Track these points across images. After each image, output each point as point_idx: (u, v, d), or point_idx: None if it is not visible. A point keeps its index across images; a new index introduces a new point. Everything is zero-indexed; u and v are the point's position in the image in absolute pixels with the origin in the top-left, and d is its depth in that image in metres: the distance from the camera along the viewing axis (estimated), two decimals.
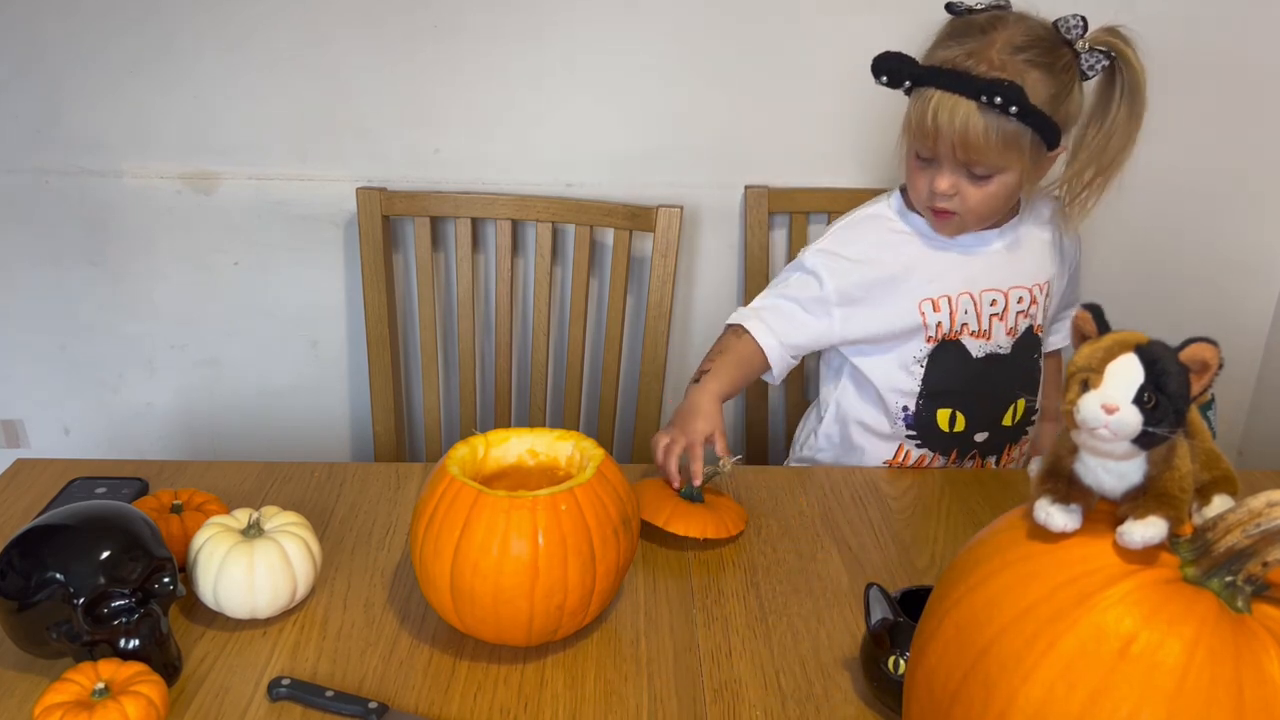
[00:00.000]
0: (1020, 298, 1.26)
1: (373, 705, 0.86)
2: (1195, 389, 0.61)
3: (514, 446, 1.00)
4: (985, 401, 1.28)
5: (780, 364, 1.25)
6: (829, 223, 1.38)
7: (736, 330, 1.25)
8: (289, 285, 1.65)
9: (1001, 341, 1.27)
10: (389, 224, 1.58)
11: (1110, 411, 0.60)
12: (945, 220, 1.21)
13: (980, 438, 1.29)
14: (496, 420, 1.65)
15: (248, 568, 0.92)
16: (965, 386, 1.27)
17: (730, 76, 1.52)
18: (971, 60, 1.10)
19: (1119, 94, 1.15)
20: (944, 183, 1.16)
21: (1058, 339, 1.40)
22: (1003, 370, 1.27)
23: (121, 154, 1.56)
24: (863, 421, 1.32)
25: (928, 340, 1.25)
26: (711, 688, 0.90)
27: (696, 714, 0.88)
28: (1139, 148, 1.54)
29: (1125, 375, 0.60)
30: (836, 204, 1.51)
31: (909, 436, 1.29)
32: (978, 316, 1.25)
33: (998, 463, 1.33)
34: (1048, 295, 1.29)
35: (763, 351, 1.24)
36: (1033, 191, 1.24)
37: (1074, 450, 0.65)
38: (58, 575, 0.84)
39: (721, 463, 1.12)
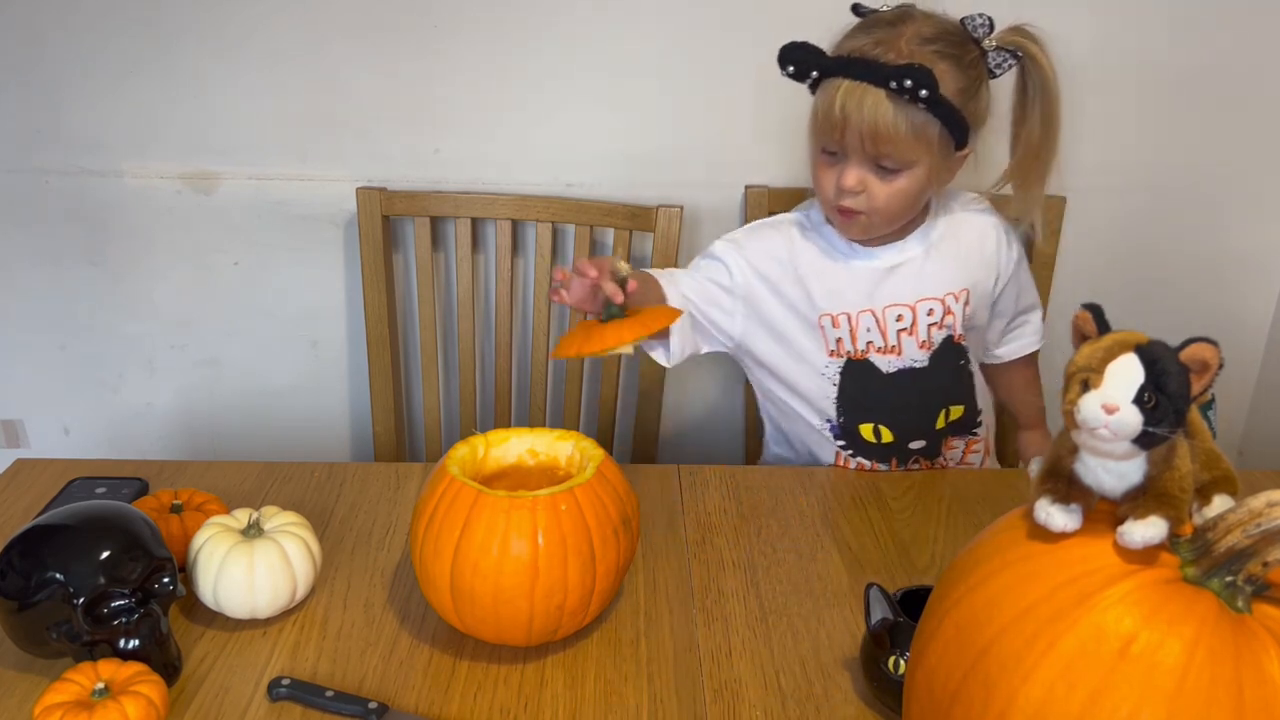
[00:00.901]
0: (930, 310, 1.22)
1: (373, 705, 0.86)
2: (1195, 389, 0.61)
3: (514, 446, 1.00)
4: (908, 414, 1.25)
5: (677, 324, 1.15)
6: None
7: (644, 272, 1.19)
8: (289, 285, 1.65)
9: (915, 355, 1.23)
10: (389, 224, 1.58)
11: (1110, 411, 0.60)
12: (851, 220, 1.17)
13: (916, 445, 1.26)
14: (496, 420, 1.65)
15: (248, 568, 0.92)
16: (881, 403, 1.24)
17: (730, 76, 1.52)
18: (880, 49, 1.09)
19: (1033, 94, 1.15)
20: (851, 177, 1.13)
21: (1017, 346, 1.37)
22: (920, 383, 1.24)
23: (121, 154, 1.56)
24: (794, 429, 1.30)
25: (830, 354, 1.23)
26: (711, 688, 0.90)
27: (696, 714, 0.88)
28: (1140, 148, 1.54)
29: (1125, 375, 0.60)
30: None
31: (839, 445, 1.27)
32: (883, 334, 1.22)
33: (946, 462, 1.30)
34: (967, 303, 1.24)
35: (665, 299, 1.17)
36: (940, 193, 1.21)
37: (1074, 450, 0.65)
38: (58, 575, 0.84)
39: (615, 260, 1.03)
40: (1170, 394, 0.60)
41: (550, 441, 1.00)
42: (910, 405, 1.24)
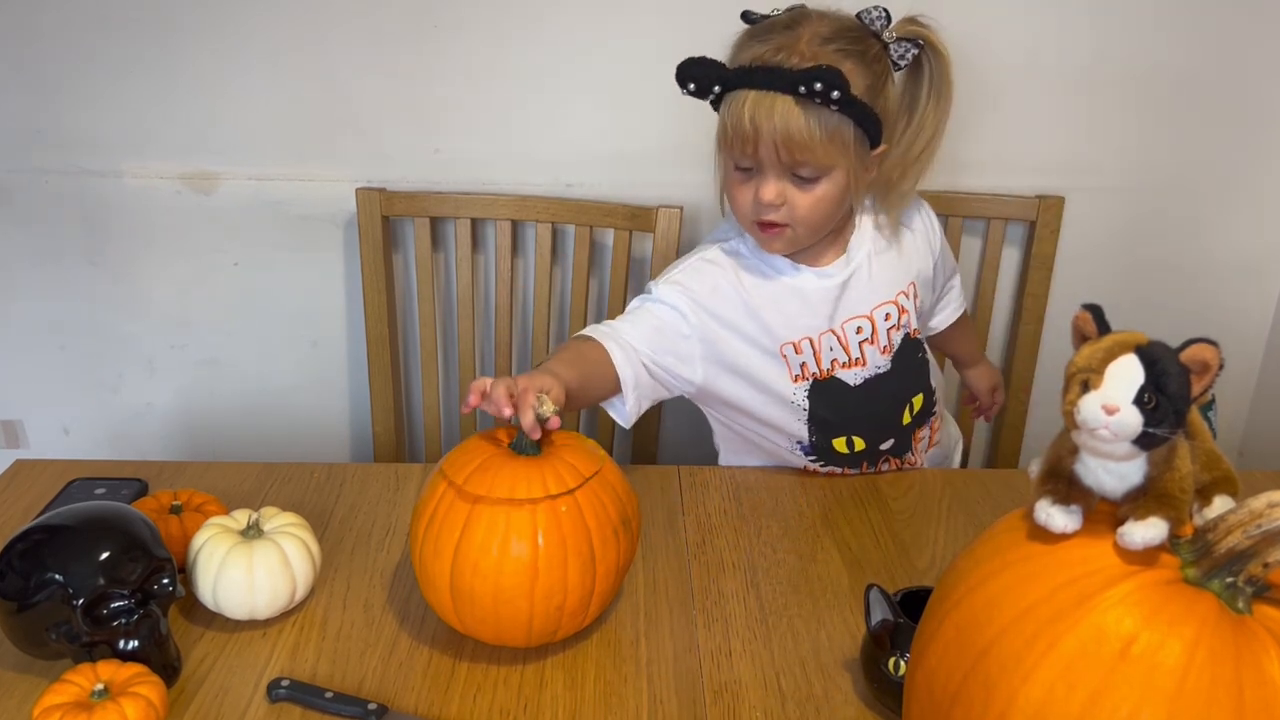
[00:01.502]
0: (887, 314, 1.20)
1: (372, 706, 0.86)
2: (1196, 389, 0.61)
3: None
4: (878, 419, 1.23)
5: (632, 378, 1.11)
6: None
7: (581, 339, 1.13)
8: (289, 285, 1.64)
9: (879, 362, 1.21)
10: (389, 224, 1.58)
11: (1111, 412, 0.60)
12: (774, 235, 1.12)
13: (886, 445, 1.24)
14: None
15: (247, 569, 0.92)
16: (852, 415, 1.21)
17: None
18: (782, 54, 1.04)
19: (927, 83, 1.12)
20: (769, 191, 1.08)
21: (948, 314, 1.37)
22: (886, 386, 1.22)
23: (121, 154, 1.56)
24: (762, 449, 1.27)
25: (795, 379, 1.19)
26: (711, 689, 0.90)
27: (696, 715, 0.88)
28: (1140, 148, 1.54)
29: (1125, 376, 0.60)
30: None
31: (810, 460, 1.24)
32: (845, 349, 1.19)
33: (913, 454, 1.28)
34: (916, 296, 1.23)
35: (610, 363, 1.10)
36: (861, 195, 1.17)
37: (1074, 451, 0.65)
38: (57, 576, 0.84)
39: (540, 400, 0.91)
40: (1170, 395, 0.60)
41: None
42: (879, 410, 1.22)
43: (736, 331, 1.17)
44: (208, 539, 0.94)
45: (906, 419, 1.24)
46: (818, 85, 1.01)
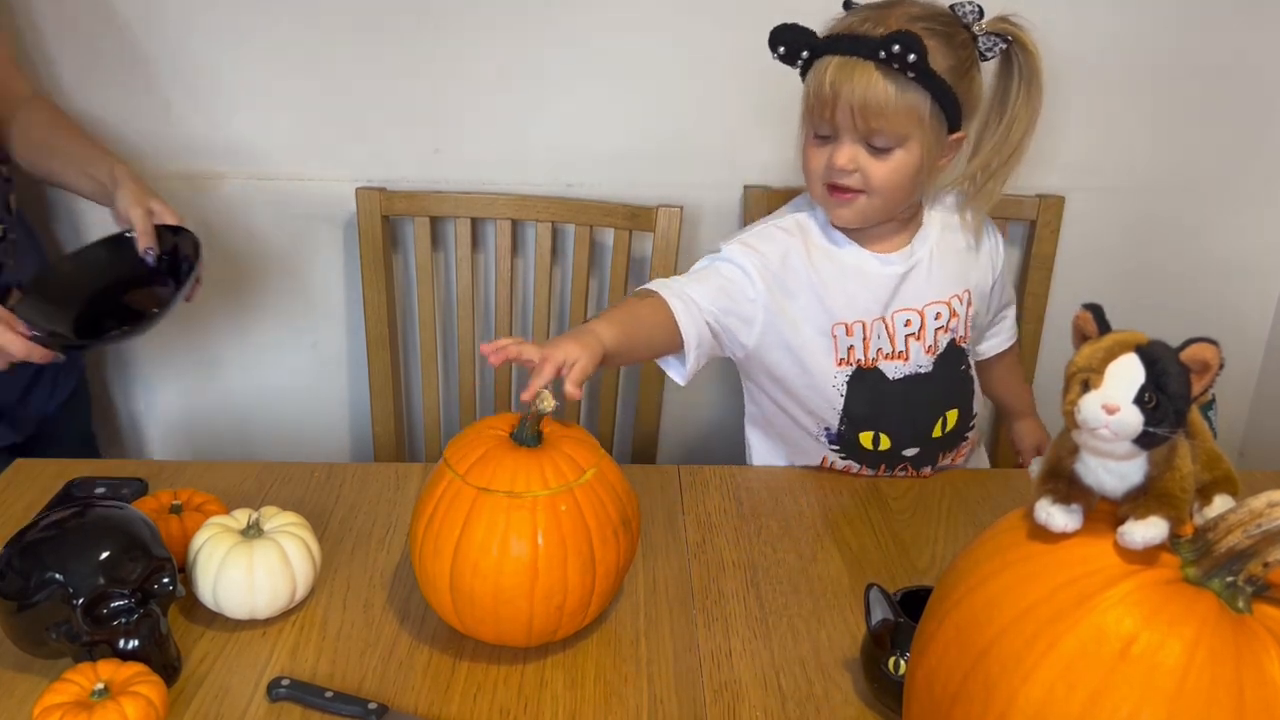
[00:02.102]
0: (938, 313, 1.21)
1: (372, 706, 0.86)
2: (1196, 389, 0.61)
3: None
4: (909, 421, 1.23)
5: (695, 336, 1.12)
6: None
7: (646, 294, 1.14)
8: (289, 285, 1.64)
9: (921, 361, 1.22)
10: (389, 224, 1.58)
11: (1111, 412, 0.60)
12: (844, 201, 1.14)
13: (910, 453, 1.24)
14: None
15: (247, 568, 0.92)
16: (886, 410, 1.22)
17: (731, 76, 1.52)
18: (869, 25, 1.08)
19: (1017, 80, 1.14)
20: (843, 155, 1.11)
21: (999, 341, 1.37)
22: (925, 389, 1.23)
23: (122, 154, 1.55)
24: (786, 430, 1.28)
25: (839, 363, 1.20)
26: (711, 688, 0.90)
27: (696, 715, 0.88)
28: (1140, 148, 1.54)
29: (1126, 375, 0.60)
30: None
31: (833, 449, 1.25)
32: (891, 339, 1.20)
33: (933, 470, 1.28)
34: (969, 304, 1.24)
35: (672, 319, 1.10)
36: (934, 181, 1.19)
37: (1075, 450, 0.65)
38: (57, 575, 0.84)
39: (540, 396, 0.90)
40: (1171, 394, 0.60)
41: None
42: (913, 412, 1.23)
43: (796, 302, 1.19)
44: (208, 539, 0.94)
45: (938, 432, 1.24)
46: (896, 48, 1.04)
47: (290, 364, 1.70)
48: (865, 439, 1.23)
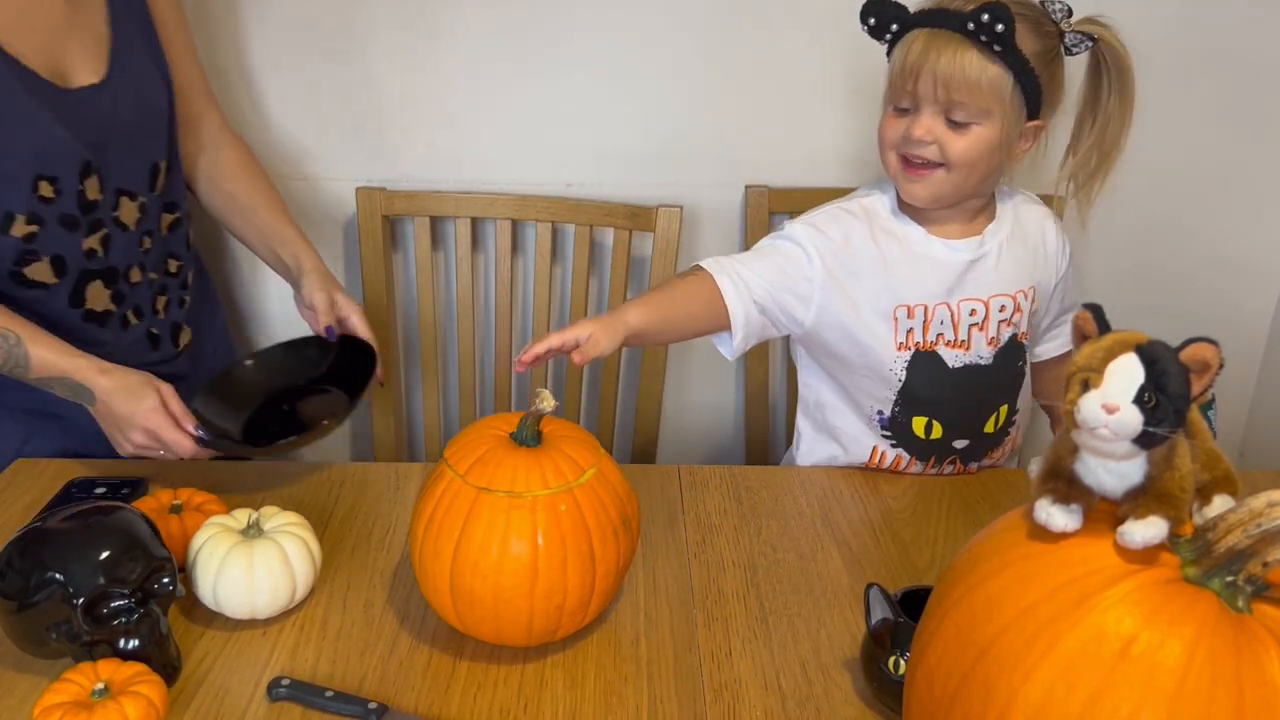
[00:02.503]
0: (1003, 305, 1.22)
1: (372, 706, 0.86)
2: (1196, 389, 0.61)
3: None
4: (964, 411, 1.24)
5: (741, 315, 1.15)
6: None
7: (695, 271, 1.18)
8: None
9: (982, 352, 1.23)
10: (389, 224, 1.58)
11: (1111, 411, 0.60)
12: (918, 177, 1.15)
13: (960, 444, 1.25)
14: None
15: (247, 568, 0.92)
16: (942, 397, 1.23)
17: (731, 76, 1.52)
18: (959, 2, 1.10)
19: (1107, 80, 1.15)
20: (921, 126, 1.12)
21: (1059, 344, 1.37)
22: (983, 380, 1.23)
23: None
24: (837, 416, 1.29)
25: (899, 347, 1.21)
26: (711, 688, 0.90)
27: (696, 714, 0.88)
28: (1140, 148, 1.53)
29: (1126, 375, 0.60)
30: None
31: (884, 436, 1.26)
32: (954, 327, 1.21)
33: (979, 467, 1.29)
34: (1033, 301, 1.25)
35: (719, 297, 1.15)
36: (1010, 167, 1.20)
37: (1074, 450, 0.65)
38: (57, 575, 0.84)
39: (540, 396, 0.90)
40: (1170, 394, 0.60)
41: None
42: (969, 402, 1.24)
43: (859, 283, 1.20)
44: (208, 538, 0.94)
45: (990, 428, 1.25)
46: (985, 18, 1.05)
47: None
48: (918, 425, 1.23)
